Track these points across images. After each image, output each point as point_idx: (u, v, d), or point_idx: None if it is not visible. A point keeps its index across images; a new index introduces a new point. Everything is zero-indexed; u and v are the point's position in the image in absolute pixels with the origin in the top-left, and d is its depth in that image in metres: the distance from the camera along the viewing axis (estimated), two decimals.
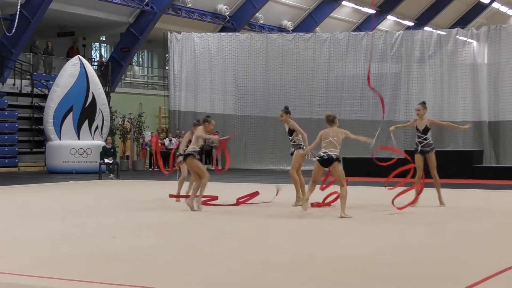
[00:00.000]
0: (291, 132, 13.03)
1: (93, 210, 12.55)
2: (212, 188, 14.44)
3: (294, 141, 12.99)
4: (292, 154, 12.95)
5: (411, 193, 12.59)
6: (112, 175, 22.66)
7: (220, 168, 19.65)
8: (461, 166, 21.76)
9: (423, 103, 13.12)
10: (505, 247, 8.64)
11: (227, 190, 15.56)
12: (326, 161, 11.14)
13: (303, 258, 7.79)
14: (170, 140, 28.55)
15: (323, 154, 11.18)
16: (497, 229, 10.46)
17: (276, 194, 13.19)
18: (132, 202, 13.35)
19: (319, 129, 11.72)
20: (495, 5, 51.04)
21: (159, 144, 27.88)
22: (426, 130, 12.91)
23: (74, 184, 20.30)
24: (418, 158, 12.90)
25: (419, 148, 12.94)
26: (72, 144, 25.54)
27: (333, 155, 11.11)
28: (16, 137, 26.91)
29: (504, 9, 52.37)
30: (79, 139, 25.84)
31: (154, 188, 16.42)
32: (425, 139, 12.89)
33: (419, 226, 10.61)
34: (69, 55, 30.46)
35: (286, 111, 13.03)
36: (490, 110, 25.56)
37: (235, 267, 7.28)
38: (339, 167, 11.20)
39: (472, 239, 9.31)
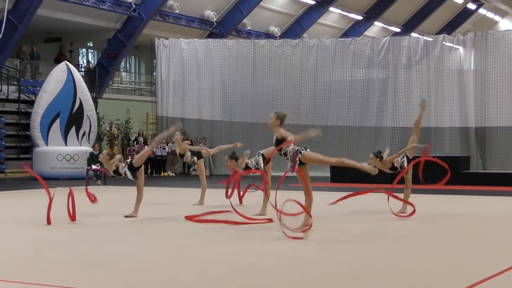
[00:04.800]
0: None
1: (80, 215, 12.53)
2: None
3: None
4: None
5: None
6: (99, 181, 22.63)
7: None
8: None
9: (374, 154, 12.72)
10: (493, 252, 8.68)
11: (215, 196, 15.61)
12: None
13: (289, 262, 7.81)
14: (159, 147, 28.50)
15: None
16: (483, 234, 10.52)
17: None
18: (118, 207, 13.35)
19: None
20: (482, 11, 51.35)
21: None
22: (393, 168, 12.77)
23: (61, 190, 20.23)
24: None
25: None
26: (59, 150, 25.47)
27: None
28: (3, 143, 26.82)
29: (490, 15, 52.69)
30: (66, 145, 25.78)
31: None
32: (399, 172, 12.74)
33: (403, 231, 10.66)
34: (58, 61, 30.39)
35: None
36: (476, 116, 25.62)
37: (221, 272, 7.30)
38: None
39: (459, 244, 9.36)
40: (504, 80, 25.25)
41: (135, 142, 29.06)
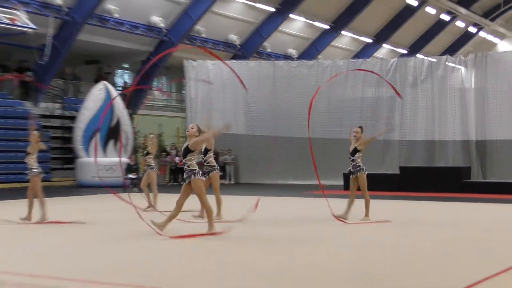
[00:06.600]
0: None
1: (115, 221, 12.75)
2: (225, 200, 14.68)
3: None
4: None
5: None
6: (136, 188, 22.97)
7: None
8: (451, 182, 21.96)
9: (361, 128, 13.01)
10: (491, 255, 8.75)
11: (233, 203, 15.74)
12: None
13: (284, 268, 7.66)
14: None
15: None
16: (482, 238, 10.52)
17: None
18: (150, 214, 13.44)
19: (322, 148, 11.82)
20: (482, 34, 51.42)
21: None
22: (353, 152, 12.78)
23: (102, 197, 20.62)
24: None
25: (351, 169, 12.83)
26: (99, 161, 25.88)
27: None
28: (49, 154, 27.27)
29: (490, 37, 52.74)
30: (105, 156, 26.20)
31: (170, 200, 16.64)
32: (353, 160, 12.80)
33: (399, 237, 10.60)
34: (97, 81, 30.83)
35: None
36: (477, 130, 25.68)
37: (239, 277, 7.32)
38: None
39: (456, 248, 9.38)
40: (503, 97, 25.33)
41: (167, 154, 29.35)
